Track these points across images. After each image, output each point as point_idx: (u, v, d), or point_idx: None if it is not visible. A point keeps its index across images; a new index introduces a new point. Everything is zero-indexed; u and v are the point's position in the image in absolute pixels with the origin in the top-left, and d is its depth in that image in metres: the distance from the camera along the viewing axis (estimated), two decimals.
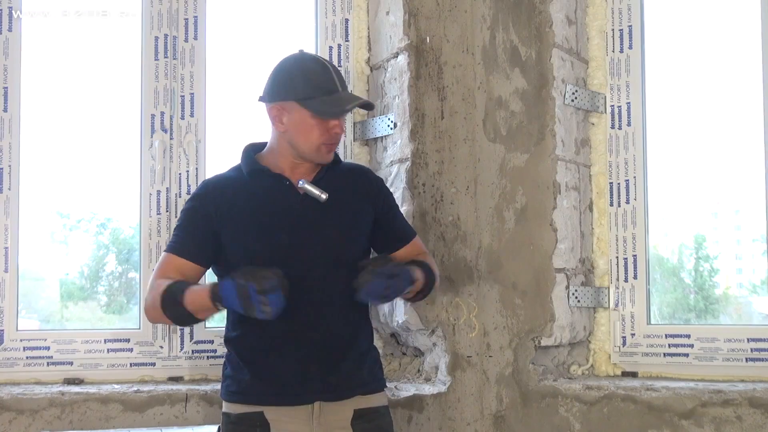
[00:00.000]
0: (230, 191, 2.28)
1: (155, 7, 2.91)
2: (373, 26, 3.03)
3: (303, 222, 2.23)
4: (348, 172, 2.38)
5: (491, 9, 2.82)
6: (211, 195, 2.28)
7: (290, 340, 2.20)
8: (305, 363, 2.20)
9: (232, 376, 2.26)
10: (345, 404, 2.23)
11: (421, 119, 2.81)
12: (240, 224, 2.22)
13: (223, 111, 2.99)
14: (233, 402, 2.24)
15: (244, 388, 2.22)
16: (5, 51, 2.83)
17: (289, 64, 2.26)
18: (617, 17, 2.98)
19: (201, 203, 2.28)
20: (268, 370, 2.21)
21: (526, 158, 2.80)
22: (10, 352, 2.77)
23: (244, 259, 2.17)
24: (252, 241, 2.21)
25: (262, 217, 2.23)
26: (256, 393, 2.21)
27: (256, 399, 2.21)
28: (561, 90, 2.84)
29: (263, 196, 2.26)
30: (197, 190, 2.35)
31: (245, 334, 2.24)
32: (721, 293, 3.12)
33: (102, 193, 2.99)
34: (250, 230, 2.22)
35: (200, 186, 2.37)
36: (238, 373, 2.24)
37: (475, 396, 2.76)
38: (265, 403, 2.20)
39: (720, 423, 2.59)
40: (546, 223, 2.79)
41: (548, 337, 2.77)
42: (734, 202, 3.09)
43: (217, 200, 2.26)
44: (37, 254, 2.96)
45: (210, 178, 2.38)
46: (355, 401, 2.24)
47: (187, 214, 2.29)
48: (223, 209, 2.24)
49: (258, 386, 2.21)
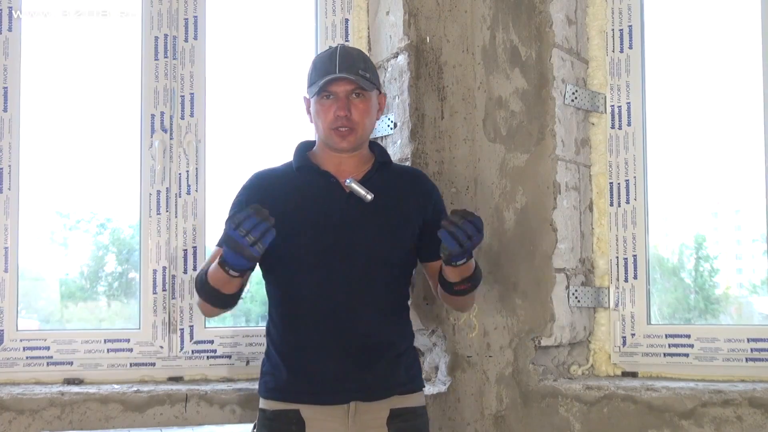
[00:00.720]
0: (278, 185, 2.27)
1: (155, 7, 2.91)
2: (373, 26, 3.03)
3: (346, 221, 2.21)
4: (400, 174, 2.35)
5: (491, 9, 2.82)
6: (258, 186, 2.28)
7: (328, 339, 2.19)
8: (342, 362, 2.18)
9: (270, 372, 2.25)
10: (381, 404, 2.21)
11: (421, 119, 2.81)
12: (284, 219, 2.19)
13: (223, 111, 2.99)
14: (270, 399, 2.23)
15: (282, 386, 2.21)
16: (5, 51, 2.83)
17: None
18: (617, 17, 2.98)
19: (248, 195, 2.27)
20: (305, 369, 2.20)
21: (526, 158, 2.80)
22: (10, 352, 2.77)
23: (287, 255, 2.17)
24: (294, 236, 2.18)
25: (306, 213, 2.22)
26: (293, 391, 2.20)
27: (293, 397, 2.20)
28: (561, 90, 2.84)
29: (309, 192, 2.24)
30: (247, 181, 2.32)
31: (284, 330, 2.24)
32: (721, 293, 3.12)
33: (102, 193, 2.99)
34: (293, 225, 2.19)
35: (250, 177, 2.33)
36: (275, 370, 2.24)
37: (475, 396, 2.76)
38: (301, 401, 2.19)
39: (720, 423, 2.59)
40: (546, 223, 2.79)
41: (548, 337, 2.77)
42: (734, 202, 3.09)
43: (264, 192, 2.25)
44: (37, 254, 2.95)
45: (260, 171, 2.35)
46: (391, 401, 2.22)
47: (237, 208, 2.27)
48: (269, 202, 2.20)
49: (295, 384, 2.20)
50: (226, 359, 2.88)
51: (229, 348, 2.88)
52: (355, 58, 2.25)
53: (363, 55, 2.30)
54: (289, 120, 3.05)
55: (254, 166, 3.00)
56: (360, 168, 2.28)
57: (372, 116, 2.29)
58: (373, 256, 2.20)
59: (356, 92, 2.23)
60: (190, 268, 2.87)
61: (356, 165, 2.28)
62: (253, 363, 2.88)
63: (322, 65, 2.23)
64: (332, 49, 2.26)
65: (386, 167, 2.32)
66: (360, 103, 2.24)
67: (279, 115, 3.05)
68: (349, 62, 2.22)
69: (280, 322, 2.25)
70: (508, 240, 2.79)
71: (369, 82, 2.24)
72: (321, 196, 2.24)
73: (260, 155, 3.01)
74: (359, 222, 2.21)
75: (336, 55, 2.22)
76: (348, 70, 2.21)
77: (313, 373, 2.20)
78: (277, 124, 3.05)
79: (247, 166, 2.99)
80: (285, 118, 3.05)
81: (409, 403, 2.26)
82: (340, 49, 2.26)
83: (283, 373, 2.22)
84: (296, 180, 2.27)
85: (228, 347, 2.88)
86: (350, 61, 2.23)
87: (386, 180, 2.29)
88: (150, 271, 2.85)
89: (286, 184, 2.27)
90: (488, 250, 2.78)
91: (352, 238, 2.20)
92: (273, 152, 3.01)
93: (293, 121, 3.04)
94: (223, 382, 2.82)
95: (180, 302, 2.86)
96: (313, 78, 2.25)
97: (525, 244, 2.79)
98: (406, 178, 2.35)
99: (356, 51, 2.31)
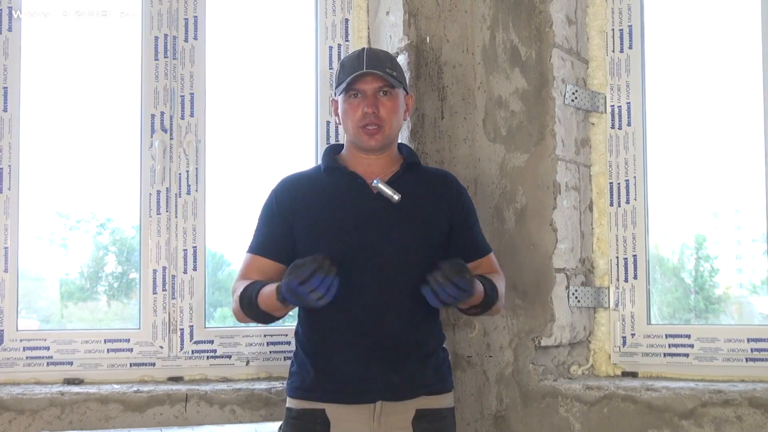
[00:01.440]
0: (306, 187, 2.28)
1: (155, 7, 2.91)
2: (373, 26, 3.03)
3: (373, 222, 2.21)
4: (429, 176, 2.35)
5: (491, 9, 2.82)
6: (287, 190, 2.29)
7: (355, 339, 2.19)
8: (368, 362, 2.18)
9: (297, 372, 2.26)
10: (407, 404, 2.21)
11: (421, 119, 2.81)
12: (311, 220, 2.21)
13: (223, 111, 2.99)
14: (296, 398, 2.24)
15: (308, 385, 2.22)
16: (5, 51, 2.83)
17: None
18: (617, 17, 2.98)
19: (277, 199, 2.28)
20: (331, 368, 2.20)
21: (526, 158, 2.80)
22: (10, 352, 2.77)
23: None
24: (322, 238, 2.19)
25: (334, 214, 2.22)
26: (318, 390, 2.21)
27: (319, 396, 2.20)
28: (561, 90, 2.84)
29: (336, 193, 2.25)
30: (275, 186, 2.33)
31: (311, 330, 2.24)
32: (721, 293, 3.12)
33: (102, 193, 2.98)
34: (320, 227, 2.21)
35: (279, 183, 2.34)
36: (302, 370, 2.24)
37: (475, 396, 2.76)
38: (327, 401, 2.20)
39: (720, 423, 2.59)
40: (546, 223, 2.79)
41: (548, 337, 2.77)
42: (734, 202, 3.09)
43: (292, 195, 2.26)
44: (37, 254, 2.95)
45: (288, 175, 2.36)
46: (418, 401, 2.22)
47: (265, 212, 2.29)
48: (297, 204, 2.23)
49: (321, 383, 2.20)
50: (226, 359, 2.88)
51: (229, 348, 2.88)
52: (382, 57, 2.26)
53: (389, 56, 2.32)
54: (289, 120, 3.06)
55: (254, 165, 3.01)
56: (388, 169, 2.28)
57: (399, 115, 2.29)
58: (401, 256, 2.20)
59: (384, 90, 2.24)
60: (190, 268, 2.87)
61: (384, 166, 2.28)
62: (253, 363, 2.88)
63: (350, 65, 2.24)
64: (359, 50, 2.28)
65: (415, 168, 2.32)
66: (387, 101, 2.24)
67: (279, 115, 3.05)
68: (376, 61, 2.23)
69: (307, 321, 2.26)
70: (508, 240, 2.79)
71: (396, 80, 2.25)
72: (348, 197, 2.24)
73: (260, 155, 3.02)
74: (387, 222, 2.21)
75: (363, 55, 2.24)
76: (375, 67, 2.21)
77: (339, 372, 2.20)
78: (277, 124, 3.05)
79: (247, 166, 3.01)
80: (285, 117, 3.05)
81: (435, 404, 2.25)
82: (367, 49, 2.28)
83: (310, 373, 2.22)
84: (324, 182, 2.28)
85: (228, 347, 2.88)
86: (377, 60, 2.24)
87: (415, 181, 2.29)
88: (150, 271, 2.86)
89: (314, 186, 2.28)
90: None
91: (379, 239, 2.20)
92: (273, 152, 3.02)
93: (293, 121, 3.05)
94: (223, 382, 2.82)
95: (180, 302, 2.86)
96: (341, 78, 2.26)
97: (525, 244, 2.79)
98: (435, 179, 2.35)
99: (382, 52, 2.32)
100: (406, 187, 2.23)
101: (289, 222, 2.24)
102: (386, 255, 2.19)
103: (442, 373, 2.29)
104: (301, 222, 2.23)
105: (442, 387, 2.28)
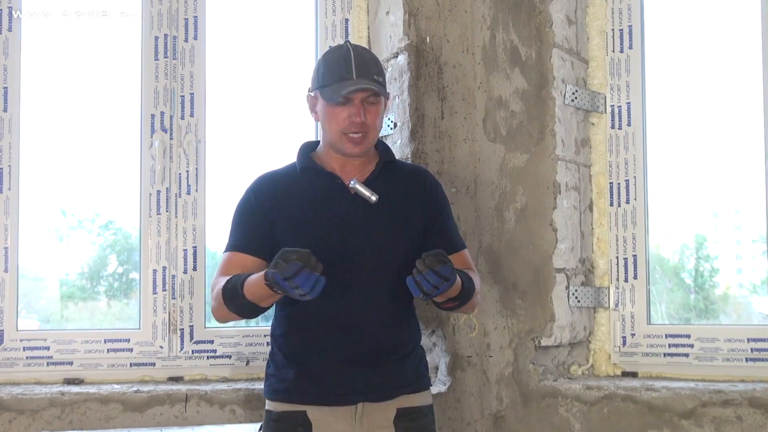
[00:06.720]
0: (284, 184, 2.25)
1: (155, 7, 2.91)
2: (373, 26, 3.03)
3: (351, 222, 2.19)
4: (404, 173, 2.33)
5: (491, 9, 2.82)
6: (265, 187, 2.26)
7: (335, 340, 2.18)
8: (349, 363, 2.18)
9: (275, 374, 2.24)
10: (388, 404, 2.21)
11: (421, 119, 2.81)
12: (292, 219, 2.19)
13: (223, 111, 2.99)
14: (276, 400, 2.22)
15: (288, 387, 2.20)
16: (5, 51, 2.83)
17: (323, 54, 2.25)
18: (617, 17, 2.98)
19: (255, 196, 2.25)
20: (311, 370, 2.19)
21: (526, 158, 2.80)
22: (10, 352, 2.77)
23: None
24: (301, 238, 2.16)
25: (311, 215, 2.20)
26: (299, 392, 2.19)
27: (299, 398, 2.19)
28: (561, 90, 2.84)
29: (314, 194, 2.23)
30: (251, 184, 2.30)
31: (290, 332, 2.23)
32: (721, 293, 3.12)
33: (102, 193, 2.99)
34: (300, 227, 2.19)
35: (254, 181, 2.30)
36: (281, 372, 2.22)
37: (475, 396, 2.76)
38: (308, 403, 2.18)
39: (720, 423, 2.59)
40: (546, 223, 2.79)
41: (548, 337, 2.77)
42: (734, 202, 3.09)
43: (271, 192, 2.24)
44: (37, 254, 2.96)
45: (264, 174, 2.32)
46: (398, 400, 2.22)
47: (243, 210, 2.26)
48: (277, 202, 2.21)
49: (301, 385, 2.19)
50: (226, 359, 2.88)
51: (229, 348, 2.88)
52: (369, 61, 2.20)
53: (374, 57, 2.26)
54: (289, 120, 3.06)
55: (254, 165, 3.01)
56: (364, 168, 2.27)
57: (382, 118, 2.27)
58: (379, 256, 2.19)
59: (370, 98, 2.19)
60: (190, 268, 2.87)
61: (361, 165, 2.27)
62: (253, 363, 2.88)
63: (337, 67, 2.17)
64: (344, 50, 2.20)
65: (390, 166, 2.31)
66: (373, 107, 2.20)
67: (279, 114, 3.05)
68: (365, 67, 2.17)
69: (286, 323, 2.24)
70: (508, 240, 2.79)
71: (383, 88, 2.21)
72: (326, 198, 2.22)
73: (260, 155, 3.02)
74: (365, 223, 2.20)
75: (351, 59, 2.17)
76: (365, 76, 2.16)
77: (319, 374, 2.19)
78: (277, 124, 3.05)
79: (247, 166, 3.00)
80: (285, 117, 3.05)
81: (415, 402, 2.25)
82: (354, 51, 2.19)
83: (289, 374, 2.21)
84: (301, 181, 2.25)
85: (228, 347, 2.88)
86: (365, 66, 2.17)
87: (390, 180, 2.27)
88: (150, 271, 2.86)
89: (291, 185, 2.25)
90: (488, 250, 2.78)
91: (357, 239, 2.19)
92: (273, 152, 3.02)
93: (293, 121, 3.05)
94: (223, 382, 2.82)
95: (180, 302, 2.86)
96: (325, 80, 2.18)
97: (525, 244, 2.79)
98: (409, 176, 2.33)
99: (368, 53, 2.25)
100: (384, 187, 2.22)
101: (270, 218, 2.21)
102: (366, 256, 2.18)
103: (421, 371, 2.29)
104: (282, 221, 2.21)
105: (420, 385, 2.28)
